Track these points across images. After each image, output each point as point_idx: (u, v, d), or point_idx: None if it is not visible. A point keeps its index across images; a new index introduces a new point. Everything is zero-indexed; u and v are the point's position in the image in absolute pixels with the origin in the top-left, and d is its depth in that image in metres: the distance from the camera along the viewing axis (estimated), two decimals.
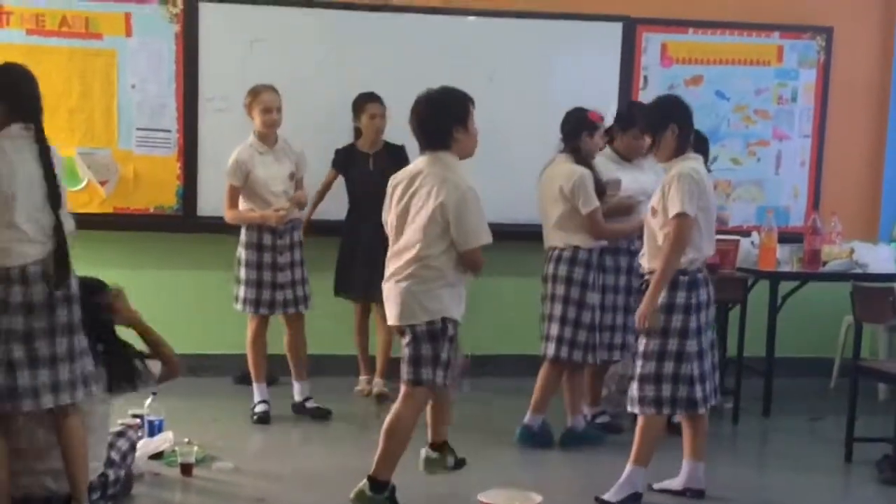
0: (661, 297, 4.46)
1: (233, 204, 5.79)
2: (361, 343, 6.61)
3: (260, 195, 5.75)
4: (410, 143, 6.50)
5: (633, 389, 4.60)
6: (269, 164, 5.77)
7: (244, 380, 6.65)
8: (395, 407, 4.28)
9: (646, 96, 6.92)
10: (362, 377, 6.61)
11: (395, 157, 6.49)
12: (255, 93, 5.76)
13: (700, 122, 6.41)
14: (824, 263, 6.39)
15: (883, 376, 5.65)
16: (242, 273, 5.81)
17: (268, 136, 5.79)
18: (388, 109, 6.35)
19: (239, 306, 5.84)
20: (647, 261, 4.62)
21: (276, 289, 5.77)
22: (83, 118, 6.52)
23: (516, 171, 6.48)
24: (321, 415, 5.85)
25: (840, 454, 5.42)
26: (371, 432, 5.73)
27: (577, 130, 5.41)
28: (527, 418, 5.51)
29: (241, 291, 5.81)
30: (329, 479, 4.78)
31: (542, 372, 5.47)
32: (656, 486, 4.78)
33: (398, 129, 6.50)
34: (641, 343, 4.57)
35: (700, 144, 4.83)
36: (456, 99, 4.25)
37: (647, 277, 4.59)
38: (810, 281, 6.52)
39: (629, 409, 4.68)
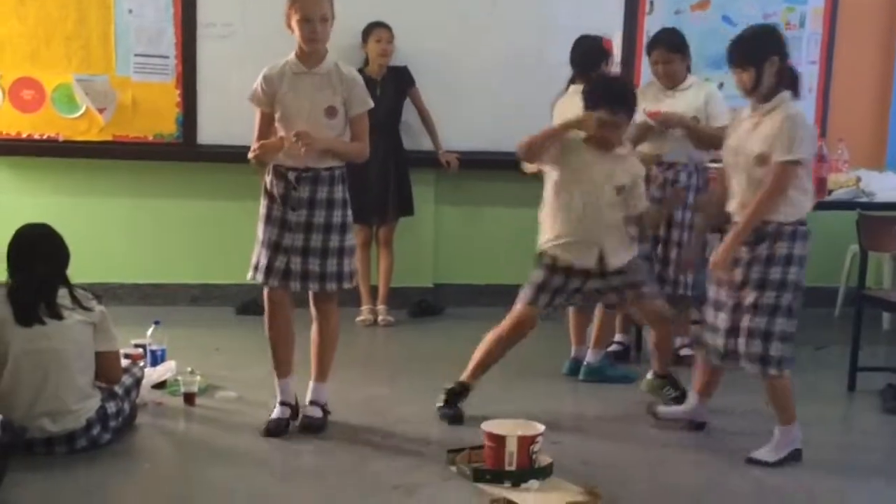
0: (782, 248, 4.18)
1: (259, 135, 4.38)
2: (363, 272, 6.57)
3: (284, 127, 4.38)
4: (414, 68, 6.52)
5: (740, 344, 4.24)
6: (303, 89, 4.35)
7: (246, 309, 6.65)
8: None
9: (652, 21, 6.79)
10: (364, 307, 6.59)
11: (400, 78, 6.54)
12: None
13: (707, 48, 6.38)
14: (830, 192, 6.33)
15: (888, 305, 5.63)
16: (257, 230, 4.53)
17: (309, 55, 4.37)
18: (395, 37, 6.36)
19: (249, 273, 4.52)
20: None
21: (280, 252, 4.40)
22: (80, 44, 6.41)
23: (519, 97, 6.51)
24: (314, 427, 4.55)
25: (844, 383, 5.40)
26: (376, 362, 5.75)
27: (597, 60, 5.27)
28: (588, 355, 5.40)
29: (253, 254, 4.52)
30: (333, 408, 4.76)
31: (597, 311, 5.34)
32: (661, 412, 4.75)
33: (404, 55, 6.48)
34: (751, 296, 4.19)
35: (793, 82, 4.32)
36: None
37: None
38: (816, 209, 6.44)
39: (715, 362, 4.40)
